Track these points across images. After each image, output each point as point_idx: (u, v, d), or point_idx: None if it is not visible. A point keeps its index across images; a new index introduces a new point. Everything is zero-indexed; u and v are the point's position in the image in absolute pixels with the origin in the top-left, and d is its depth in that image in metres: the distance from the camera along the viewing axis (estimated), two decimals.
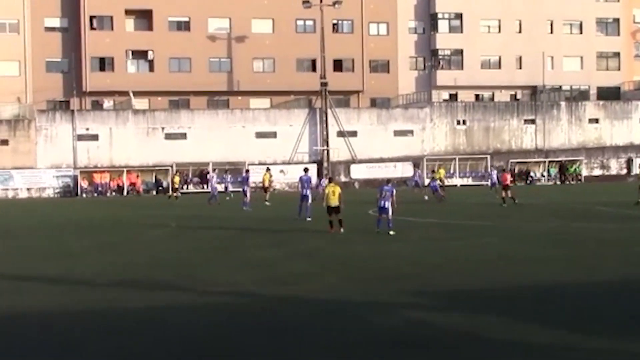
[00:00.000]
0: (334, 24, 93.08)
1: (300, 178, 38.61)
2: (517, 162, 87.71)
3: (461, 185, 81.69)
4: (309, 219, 36.93)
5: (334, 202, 31.05)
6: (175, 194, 64.03)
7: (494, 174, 56.40)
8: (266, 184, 56.77)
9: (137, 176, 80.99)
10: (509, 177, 48.72)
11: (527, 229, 32.18)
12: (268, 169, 60.76)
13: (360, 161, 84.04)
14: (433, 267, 21.22)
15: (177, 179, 68.05)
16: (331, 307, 15.73)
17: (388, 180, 33.58)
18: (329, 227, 30.62)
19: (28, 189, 78.14)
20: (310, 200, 38.37)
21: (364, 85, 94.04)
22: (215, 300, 16.83)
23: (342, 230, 30.48)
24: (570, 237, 28.95)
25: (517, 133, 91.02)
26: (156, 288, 18.36)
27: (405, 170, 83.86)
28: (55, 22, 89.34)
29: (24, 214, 49.67)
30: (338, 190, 31.54)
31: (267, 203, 52.71)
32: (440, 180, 74.59)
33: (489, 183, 58.50)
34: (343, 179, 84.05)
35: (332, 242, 27.76)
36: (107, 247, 28.08)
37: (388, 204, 30.54)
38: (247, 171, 59.53)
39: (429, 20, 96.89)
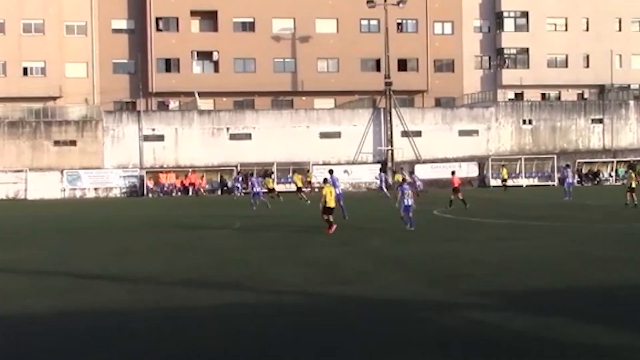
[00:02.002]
0: (398, 23, 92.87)
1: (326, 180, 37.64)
2: (584, 162, 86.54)
3: (527, 186, 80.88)
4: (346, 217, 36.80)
5: (331, 202, 31.54)
6: (272, 195, 62.40)
7: (569, 172, 55.63)
8: (299, 184, 61.63)
9: (202, 176, 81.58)
10: (457, 180, 48.01)
11: (594, 230, 31.68)
12: (295, 171, 63.66)
13: (425, 161, 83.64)
14: (495, 267, 20.98)
15: (269, 180, 67.71)
16: (393, 307, 15.64)
17: (404, 180, 34.74)
18: (327, 229, 30.62)
19: (95, 189, 79.18)
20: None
21: (428, 85, 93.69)
22: (278, 299, 16.82)
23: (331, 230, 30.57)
24: (638, 237, 28.46)
25: (584, 132, 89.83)
26: (220, 287, 18.40)
27: (470, 170, 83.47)
28: (122, 24, 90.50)
29: (91, 214, 50.32)
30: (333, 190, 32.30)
31: (307, 202, 53.88)
32: (503, 180, 74.41)
33: (564, 183, 57.10)
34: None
35: (394, 242, 27.62)
36: (172, 246, 28.26)
37: (411, 202, 31.44)
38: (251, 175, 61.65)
39: (494, 18, 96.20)
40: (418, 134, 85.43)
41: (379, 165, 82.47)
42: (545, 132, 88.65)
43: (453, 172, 51.22)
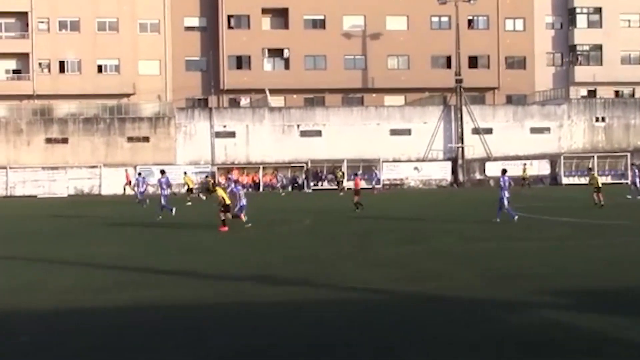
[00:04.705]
0: (469, 20, 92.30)
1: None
2: None
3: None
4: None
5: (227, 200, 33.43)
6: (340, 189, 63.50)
7: (636, 172, 54.91)
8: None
9: (273, 173, 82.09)
10: (360, 182, 47.76)
11: None
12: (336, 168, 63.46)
13: (496, 159, 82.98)
14: (566, 267, 20.85)
15: (339, 173, 68.39)
16: (462, 305, 15.66)
17: (504, 171, 35.01)
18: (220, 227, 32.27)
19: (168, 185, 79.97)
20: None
21: (499, 82, 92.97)
22: (348, 296, 16.96)
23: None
24: None
25: None
26: (290, 283, 18.59)
27: (542, 168, 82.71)
28: (195, 22, 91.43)
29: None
30: None
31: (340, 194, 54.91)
32: (523, 179, 73.91)
33: (629, 182, 56.63)
34: (478, 176, 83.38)
35: (462, 239, 27.58)
36: (243, 242, 28.56)
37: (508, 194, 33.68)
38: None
39: (566, 15, 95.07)
40: (489, 131, 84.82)
41: (450, 163, 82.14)
42: (619, 130, 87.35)
43: (356, 174, 51.67)
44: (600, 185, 44.32)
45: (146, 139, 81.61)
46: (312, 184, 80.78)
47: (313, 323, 14.22)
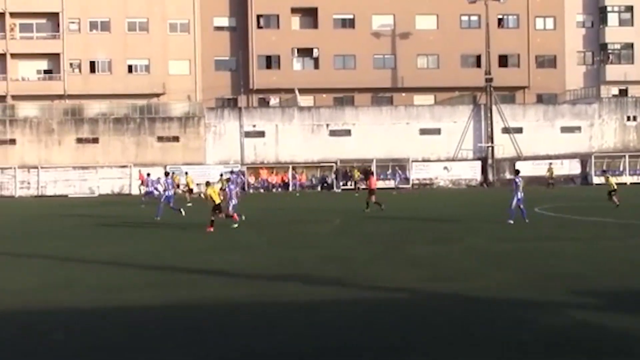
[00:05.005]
0: (499, 19, 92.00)
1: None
2: None
3: (631, 184, 79.17)
4: None
5: (216, 200, 33.54)
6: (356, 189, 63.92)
7: None
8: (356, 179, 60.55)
9: (302, 172, 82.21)
10: (375, 182, 47.35)
11: None
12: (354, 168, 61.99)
13: (526, 158, 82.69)
14: (597, 266, 20.71)
15: (356, 173, 68.63)
16: (495, 305, 15.60)
17: (517, 172, 35.18)
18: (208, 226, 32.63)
19: (197, 184, 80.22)
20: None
21: (529, 81, 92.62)
22: (377, 296, 16.93)
23: None
24: None
25: None
26: (320, 283, 18.57)
27: (572, 168, 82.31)
28: (224, 22, 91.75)
29: (193, 209, 51.08)
30: None
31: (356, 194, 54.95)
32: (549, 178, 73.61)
33: None
34: (508, 176, 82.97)
35: (495, 239, 27.47)
36: (274, 241, 28.59)
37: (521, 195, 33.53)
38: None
39: (597, 13, 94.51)
40: (519, 130, 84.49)
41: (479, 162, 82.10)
42: None
43: (372, 173, 51.22)
44: (615, 187, 43.62)
45: (176, 139, 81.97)
46: (341, 183, 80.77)
47: (345, 323, 14.21)
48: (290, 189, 79.59)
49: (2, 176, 79.87)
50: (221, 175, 63.29)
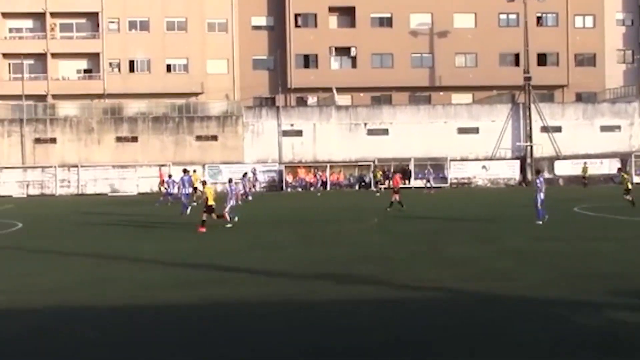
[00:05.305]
0: (537, 17, 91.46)
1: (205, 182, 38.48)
2: None
3: None
4: None
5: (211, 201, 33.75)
6: (378, 189, 64.48)
7: None
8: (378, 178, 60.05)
9: (340, 171, 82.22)
10: (399, 181, 46.85)
11: None
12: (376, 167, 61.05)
13: (565, 157, 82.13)
14: (637, 267, 20.58)
15: (378, 173, 68.75)
16: (533, 306, 15.55)
17: (538, 172, 34.91)
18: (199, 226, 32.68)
19: (236, 183, 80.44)
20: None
21: (568, 80, 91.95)
22: (415, 295, 16.94)
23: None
24: None
25: None
26: (355, 282, 18.60)
27: (612, 167, 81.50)
28: (262, 21, 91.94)
29: (239, 207, 51.18)
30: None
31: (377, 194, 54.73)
32: (584, 177, 72.80)
33: None
34: (547, 175, 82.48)
35: (534, 239, 27.34)
36: (309, 240, 28.66)
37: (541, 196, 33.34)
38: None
39: (637, 11, 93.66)
40: (558, 129, 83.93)
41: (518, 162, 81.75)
42: None
43: (395, 172, 50.69)
44: (629, 187, 43.17)
45: (214, 138, 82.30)
46: (385, 183, 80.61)
47: (383, 321, 14.24)
48: (313, 188, 79.40)
49: (43, 175, 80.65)
50: (245, 174, 63.57)
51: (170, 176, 59.86)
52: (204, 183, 36.17)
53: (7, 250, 26.99)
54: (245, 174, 63.74)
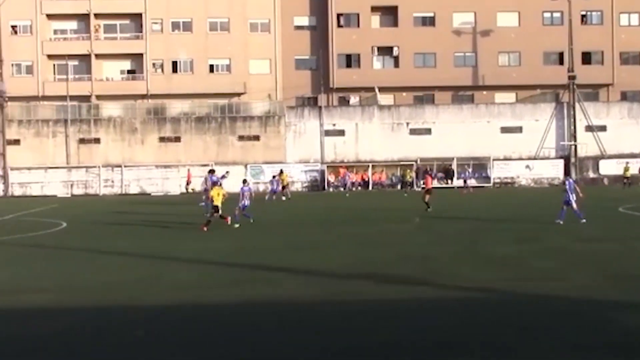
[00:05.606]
0: (582, 15, 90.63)
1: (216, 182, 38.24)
2: None
3: None
4: None
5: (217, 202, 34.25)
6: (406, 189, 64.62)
7: None
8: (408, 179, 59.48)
9: (382, 171, 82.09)
10: (431, 180, 46.09)
11: None
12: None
13: (610, 157, 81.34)
14: None
15: (408, 173, 68.64)
16: (578, 306, 15.38)
17: (566, 173, 34.50)
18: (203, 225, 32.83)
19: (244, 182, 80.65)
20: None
21: (614, 78, 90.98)
22: (459, 295, 16.82)
23: None
24: None
25: None
26: (398, 282, 18.52)
27: None
28: (304, 21, 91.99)
29: (273, 207, 51.39)
30: None
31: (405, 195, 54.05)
32: (625, 177, 71.73)
33: None
34: (591, 174, 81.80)
35: (576, 239, 27.08)
36: (352, 240, 28.59)
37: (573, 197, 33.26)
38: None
39: None
40: (603, 128, 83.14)
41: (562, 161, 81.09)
42: None
43: (427, 172, 50.13)
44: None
45: (256, 138, 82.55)
46: (421, 182, 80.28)
47: (427, 321, 14.15)
48: (344, 188, 79.18)
49: (87, 175, 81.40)
50: (274, 177, 63.70)
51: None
52: (214, 183, 36.34)
53: (51, 250, 27.23)
54: (275, 175, 63.94)
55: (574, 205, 33.22)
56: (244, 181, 39.38)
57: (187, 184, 71.73)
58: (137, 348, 12.67)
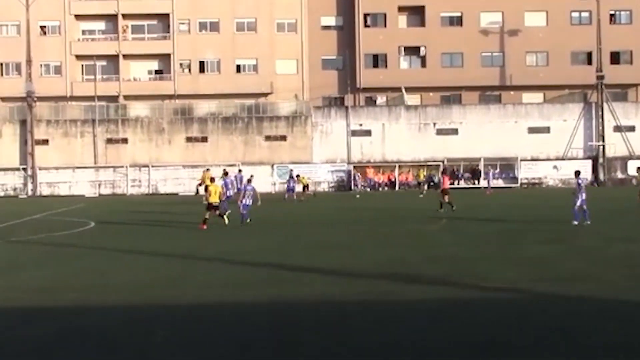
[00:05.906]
0: (611, 15, 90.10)
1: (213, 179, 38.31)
2: None
3: None
4: None
5: (215, 199, 34.87)
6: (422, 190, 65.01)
7: None
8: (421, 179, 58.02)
9: (409, 171, 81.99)
10: (447, 181, 45.66)
11: None
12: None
13: (639, 157, 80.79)
14: None
15: (422, 174, 68.74)
16: (608, 307, 15.27)
17: (578, 173, 34.10)
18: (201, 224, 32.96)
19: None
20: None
21: None
22: (489, 296, 16.74)
23: None
24: None
25: None
26: (430, 282, 18.45)
27: None
28: (331, 21, 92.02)
29: (299, 207, 51.40)
30: None
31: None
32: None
33: None
34: (620, 175, 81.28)
35: (607, 240, 26.89)
36: (380, 240, 28.53)
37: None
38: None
39: None
40: (631, 128, 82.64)
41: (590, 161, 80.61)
42: None
43: (444, 172, 49.82)
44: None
45: (283, 138, 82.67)
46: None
47: (456, 321, 14.09)
48: (355, 188, 79.04)
49: (115, 174, 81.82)
50: (291, 177, 63.70)
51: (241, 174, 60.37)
52: (212, 180, 36.45)
53: (79, 249, 27.35)
54: (293, 176, 63.94)
55: (577, 204, 32.94)
56: (249, 180, 39.47)
57: (199, 185, 71.83)
58: (160, 348, 12.68)
